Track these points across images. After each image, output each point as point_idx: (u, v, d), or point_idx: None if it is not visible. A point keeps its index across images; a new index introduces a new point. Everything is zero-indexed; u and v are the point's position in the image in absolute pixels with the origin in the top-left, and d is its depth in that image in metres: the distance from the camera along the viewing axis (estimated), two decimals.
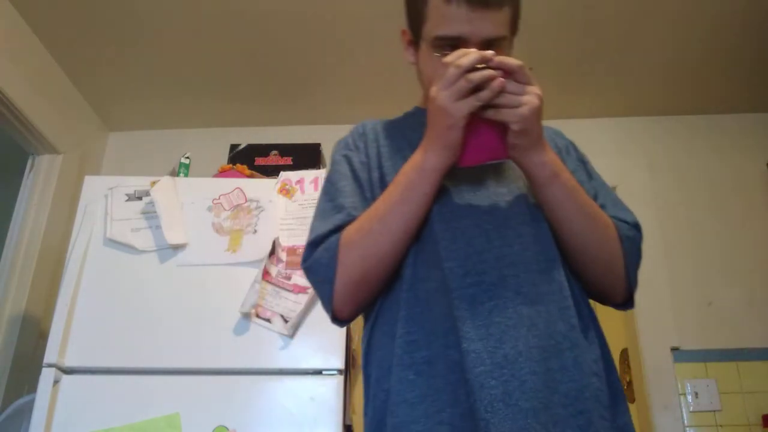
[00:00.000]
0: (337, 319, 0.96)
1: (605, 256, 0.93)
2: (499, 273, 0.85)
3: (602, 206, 0.99)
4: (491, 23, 0.91)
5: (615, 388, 0.87)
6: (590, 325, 0.90)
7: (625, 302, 1.01)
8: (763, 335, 2.32)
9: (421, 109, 1.08)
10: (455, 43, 0.91)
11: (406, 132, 1.04)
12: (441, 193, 0.92)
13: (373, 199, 0.95)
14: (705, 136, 2.67)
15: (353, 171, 1.01)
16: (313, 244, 0.94)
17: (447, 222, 0.90)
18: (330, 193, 1.00)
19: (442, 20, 0.92)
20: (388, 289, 0.93)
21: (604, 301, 1.00)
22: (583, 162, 1.07)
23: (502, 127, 0.85)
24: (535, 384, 0.79)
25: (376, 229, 0.89)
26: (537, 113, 0.84)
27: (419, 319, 0.87)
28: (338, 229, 0.93)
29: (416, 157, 0.89)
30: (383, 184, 0.96)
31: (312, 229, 0.97)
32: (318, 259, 0.93)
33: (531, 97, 0.83)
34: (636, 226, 0.99)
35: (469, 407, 0.79)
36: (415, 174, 0.88)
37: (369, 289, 0.93)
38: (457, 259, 0.87)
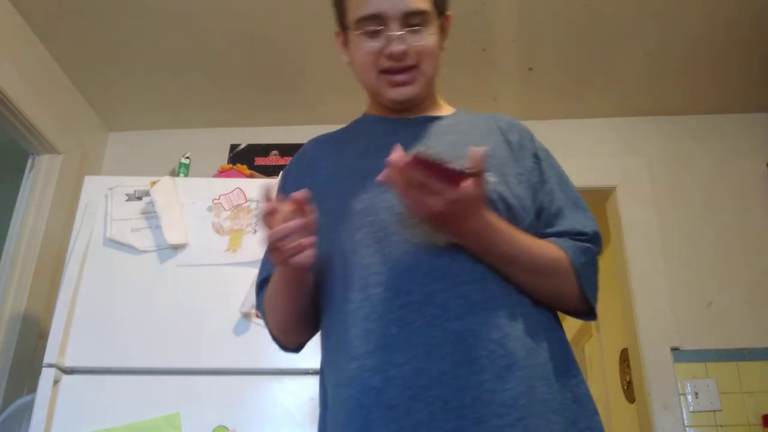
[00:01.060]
0: (287, 349, 1.04)
1: (558, 294, 0.91)
2: (426, 289, 0.83)
3: (558, 212, 0.96)
4: None
5: (575, 394, 0.85)
6: (539, 329, 0.86)
7: (587, 314, 0.96)
8: (763, 335, 2.32)
9: (368, 115, 1.08)
10: (377, 24, 0.94)
11: (346, 145, 1.03)
12: (370, 208, 0.90)
13: None
14: (704, 136, 2.67)
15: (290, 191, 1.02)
16: (257, 291, 1.05)
17: (378, 241, 0.87)
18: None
19: (360, 2, 0.95)
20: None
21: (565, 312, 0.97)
22: (538, 159, 1.00)
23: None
24: (462, 401, 0.76)
25: (272, 308, 0.99)
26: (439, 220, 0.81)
27: (339, 344, 0.86)
28: (267, 280, 1.00)
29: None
30: (321, 210, 0.94)
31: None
32: (258, 308, 1.05)
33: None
34: (594, 237, 0.95)
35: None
36: (274, 281, 0.95)
37: (297, 335, 1.01)
38: (386, 282, 0.84)
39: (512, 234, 0.86)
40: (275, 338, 1.02)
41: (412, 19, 0.94)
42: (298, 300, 0.93)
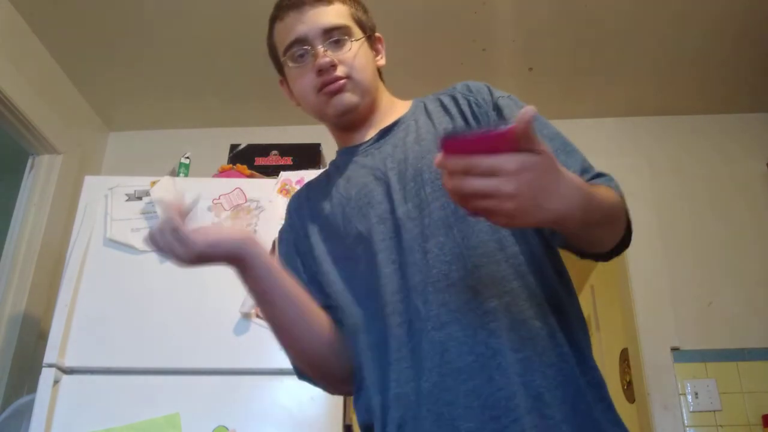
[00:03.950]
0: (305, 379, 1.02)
1: (613, 236, 0.84)
2: (413, 305, 0.84)
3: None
4: (323, 15, 0.96)
5: (589, 381, 0.81)
6: (528, 318, 0.81)
7: (619, 248, 0.87)
8: (763, 335, 2.32)
9: (338, 151, 1.08)
10: (302, 50, 0.97)
11: (319, 192, 1.04)
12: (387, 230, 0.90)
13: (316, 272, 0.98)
14: (705, 136, 2.67)
15: (286, 258, 1.03)
16: None
17: (387, 256, 0.88)
18: None
19: (284, 35, 0.99)
20: None
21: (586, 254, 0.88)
22: (499, 108, 0.94)
23: None
24: (454, 413, 0.77)
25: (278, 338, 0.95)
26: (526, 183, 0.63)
27: (363, 368, 0.89)
28: None
29: None
30: (312, 257, 0.99)
31: None
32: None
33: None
34: (592, 167, 0.91)
35: None
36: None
37: (316, 370, 0.97)
38: (390, 303, 0.86)
39: (594, 189, 0.75)
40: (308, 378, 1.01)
41: (332, 34, 0.96)
42: (266, 298, 0.91)
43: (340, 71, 0.95)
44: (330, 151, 1.17)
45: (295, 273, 0.97)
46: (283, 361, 1.18)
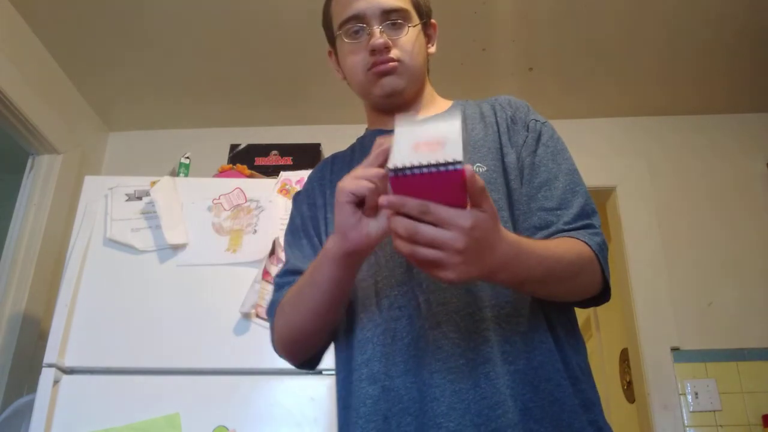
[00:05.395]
0: (300, 365, 0.99)
1: (582, 289, 0.86)
2: (415, 301, 0.84)
3: (542, 185, 0.91)
4: None
5: (581, 396, 0.81)
6: (525, 329, 0.82)
7: (602, 296, 0.90)
8: (763, 335, 2.32)
9: (367, 131, 1.09)
10: (359, 26, 0.97)
11: (344, 165, 1.04)
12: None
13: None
14: (705, 136, 2.67)
15: (303, 220, 1.03)
16: (276, 289, 0.99)
17: (382, 248, 0.88)
18: (287, 243, 1.05)
19: (341, 9, 0.99)
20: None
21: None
22: (528, 130, 0.96)
23: None
24: (437, 410, 0.77)
25: (294, 303, 0.90)
26: (472, 261, 0.66)
27: (341, 358, 0.90)
28: (291, 273, 0.97)
29: (328, 239, 0.83)
30: (327, 234, 0.97)
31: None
32: (269, 311, 0.98)
33: (450, 255, 0.64)
34: (591, 212, 0.90)
35: None
36: (321, 256, 0.83)
37: (300, 347, 0.94)
38: (389, 296, 0.86)
39: (539, 247, 0.77)
40: (282, 348, 0.96)
41: (391, 16, 0.97)
42: (330, 290, 0.84)
43: (393, 54, 0.96)
44: (329, 151, 1.16)
45: (306, 237, 0.99)
46: (283, 361, 1.19)
